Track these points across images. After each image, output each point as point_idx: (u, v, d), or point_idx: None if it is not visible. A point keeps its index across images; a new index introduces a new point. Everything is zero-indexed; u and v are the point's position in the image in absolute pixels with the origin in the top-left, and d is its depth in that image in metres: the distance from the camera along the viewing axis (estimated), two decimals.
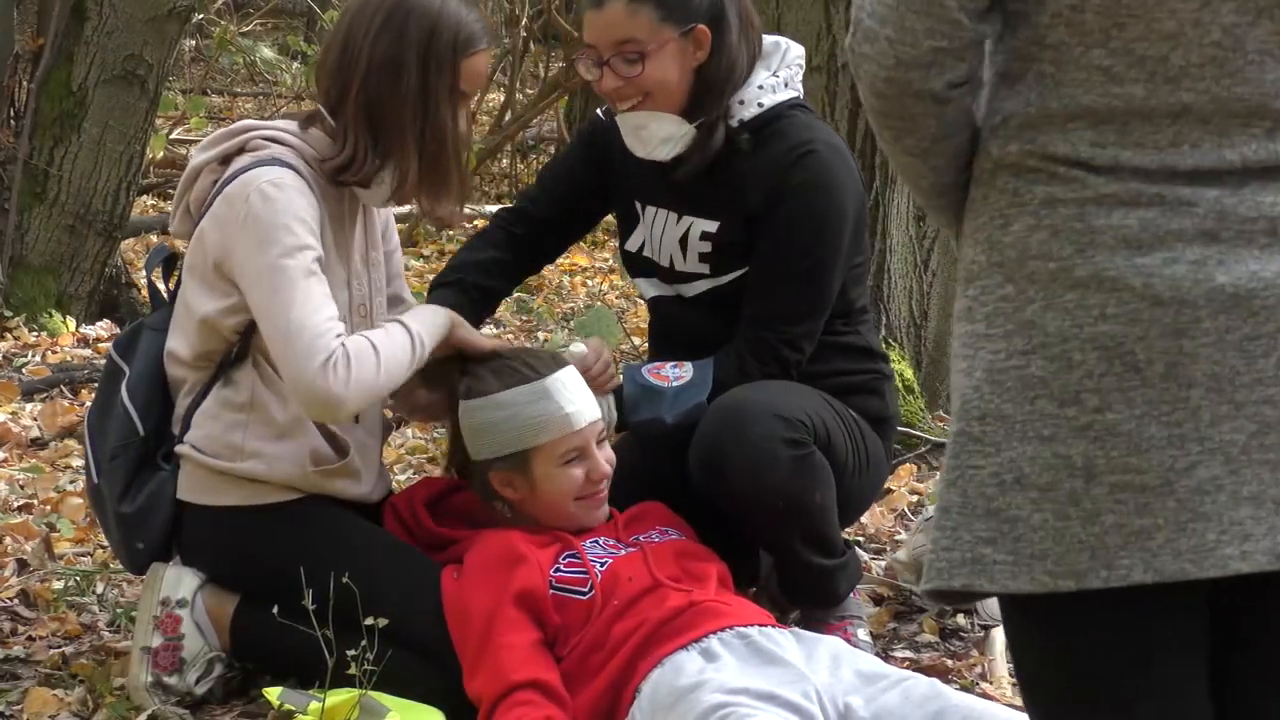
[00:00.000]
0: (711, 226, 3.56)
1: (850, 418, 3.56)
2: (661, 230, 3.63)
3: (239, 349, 3.31)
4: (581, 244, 9.09)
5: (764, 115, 3.52)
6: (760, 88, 3.53)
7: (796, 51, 3.62)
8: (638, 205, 3.67)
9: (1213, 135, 1.90)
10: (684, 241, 3.59)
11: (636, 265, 3.72)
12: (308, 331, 3.16)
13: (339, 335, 3.18)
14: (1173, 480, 1.88)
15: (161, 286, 3.52)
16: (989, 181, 2.00)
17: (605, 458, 3.36)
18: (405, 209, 6.75)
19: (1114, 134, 1.92)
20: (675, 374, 3.52)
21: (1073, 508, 1.90)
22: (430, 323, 3.34)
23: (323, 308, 3.18)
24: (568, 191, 3.78)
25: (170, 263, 3.54)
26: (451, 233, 8.80)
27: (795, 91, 3.58)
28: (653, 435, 3.52)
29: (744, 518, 3.44)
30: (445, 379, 3.44)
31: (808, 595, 3.59)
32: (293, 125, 3.37)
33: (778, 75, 3.55)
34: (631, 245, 3.70)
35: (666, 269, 3.64)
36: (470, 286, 3.69)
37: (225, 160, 3.34)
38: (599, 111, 3.78)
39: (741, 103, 3.52)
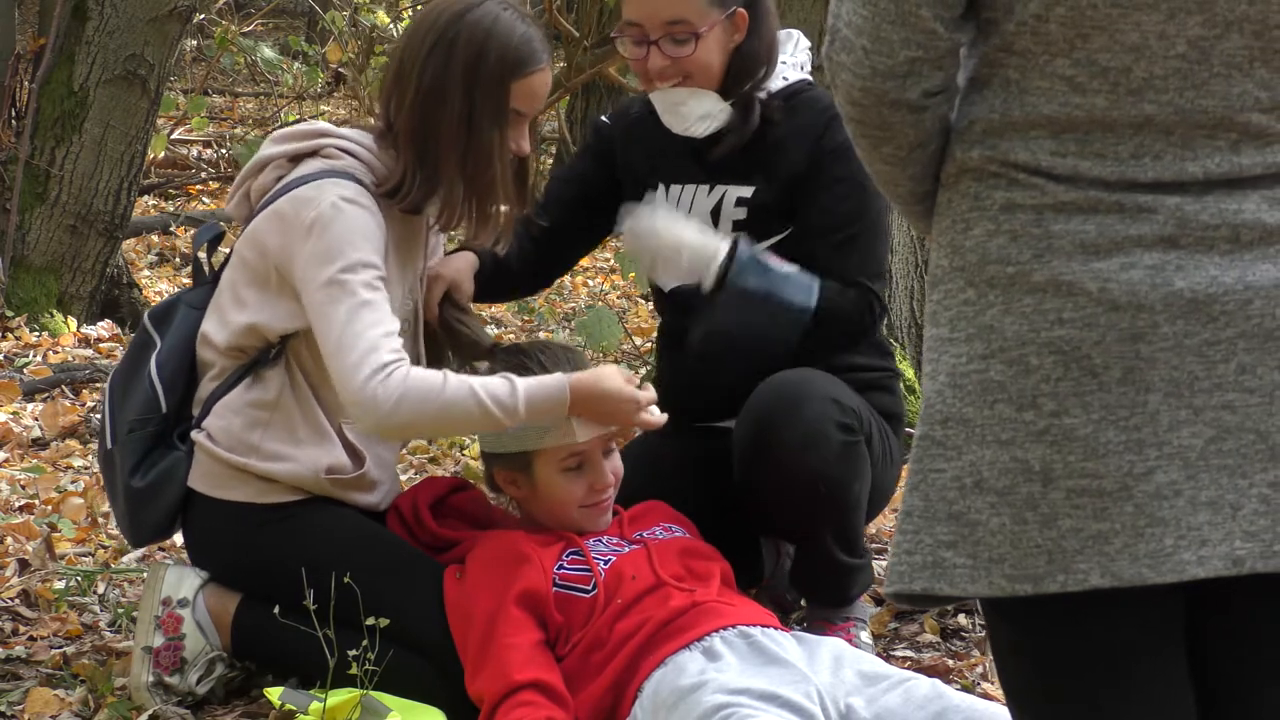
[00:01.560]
0: (746, 191, 3.57)
1: (877, 414, 3.57)
2: (689, 206, 3.62)
3: (276, 350, 3.31)
4: None
5: (788, 88, 3.59)
6: (784, 62, 3.61)
7: (805, 41, 3.70)
8: (661, 189, 3.66)
9: (1175, 147, 1.90)
10: (717, 211, 3.59)
11: None
12: (363, 342, 3.12)
13: (396, 351, 3.13)
14: (1130, 485, 1.88)
15: (205, 265, 3.50)
16: (953, 186, 2.01)
17: (611, 468, 3.36)
18: None
19: (1074, 144, 1.93)
20: (786, 263, 3.49)
21: (1030, 512, 1.90)
22: (539, 386, 3.18)
23: (382, 323, 3.15)
24: (578, 193, 3.77)
25: (216, 241, 3.53)
26: None
27: (807, 75, 3.65)
28: (743, 302, 3.44)
29: (782, 499, 3.44)
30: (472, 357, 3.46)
31: (820, 590, 3.59)
32: (368, 139, 3.34)
33: (795, 57, 3.64)
34: None
35: None
36: (493, 257, 3.65)
37: (294, 159, 3.33)
38: (603, 117, 3.79)
39: (767, 76, 3.58)
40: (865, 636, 3.57)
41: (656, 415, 3.29)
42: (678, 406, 3.69)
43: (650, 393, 3.31)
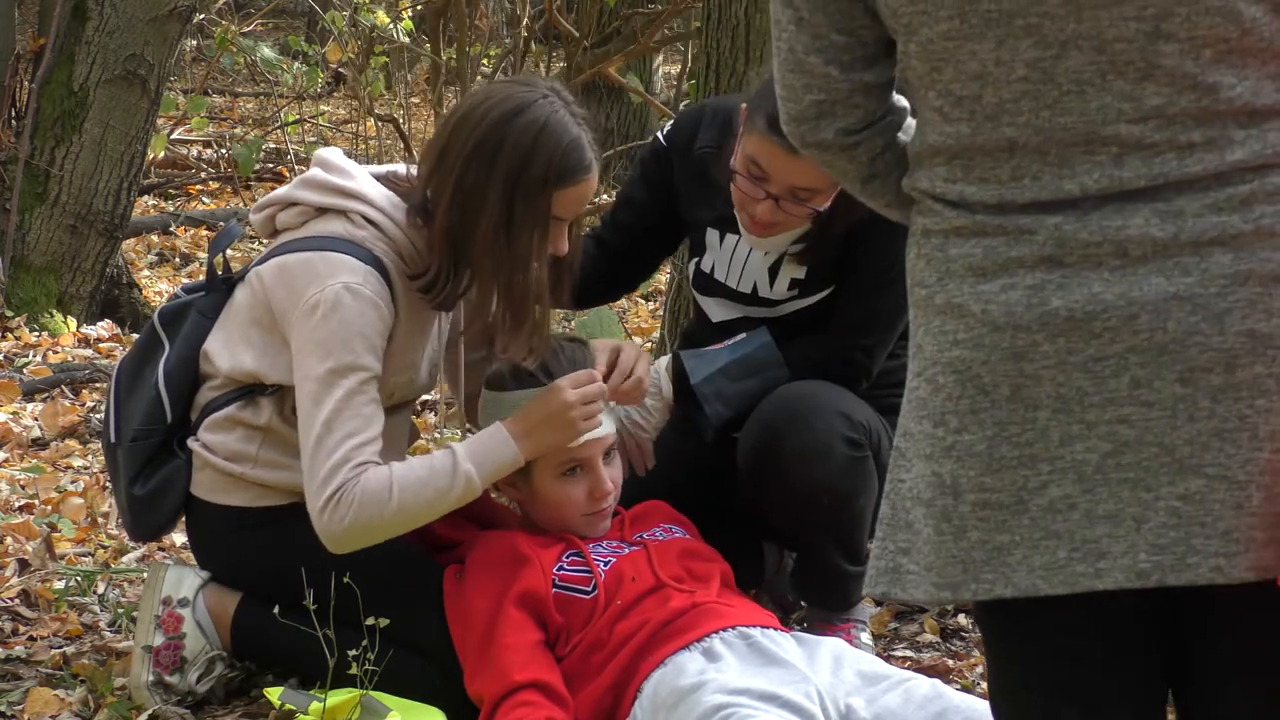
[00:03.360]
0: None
1: (892, 431, 3.54)
2: (744, 258, 3.57)
3: (273, 388, 3.30)
4: None
5: None
6: None
7: None
8: (710, 233, 3.61)
9: (1053, 166, 1.92)
10: (775, 268, 3.55)
11: (706, 285, 3.66)
12: (332, 458, 3.13)
13: (361, 465, 3.13)
14: (1025, 499, 1.92)
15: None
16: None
17: (611, 475, 3.35)
18: None
19: (960, 170, 1.97)
20: (728, 341, 3.51)
21: (945, 523, 1.96)
22: (488, 456, 3.21)
23: (357, 432, 3.14)
24: (636, 220, 3.72)
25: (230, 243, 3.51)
26: None
27: None
28: (718, 393, 3.48)
29: (785, 509, 3.44)
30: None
31: (821, 595, 3.59)
32: (400, 211, 3.26)
33: None
34: (705, 265, 3.65)
35: (746, 294, 3.59)
36: None
37: (322, 210, 3.29)
38: (660, 137, 3.71)
39: None
40: (865, 637, 3.57)
41: (589, 388, 3.25)
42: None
43: (594, 387, 3.26)
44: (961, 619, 3.80)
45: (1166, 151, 1.89)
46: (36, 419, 5.38)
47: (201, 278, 3.49)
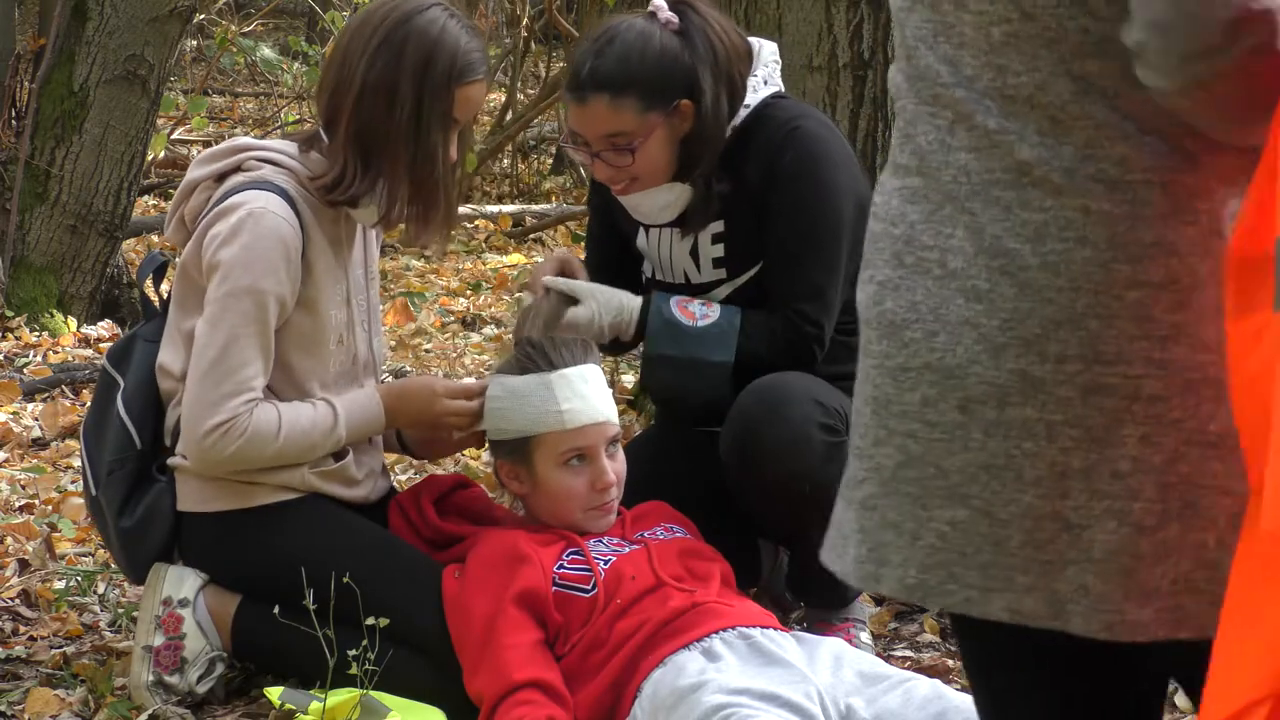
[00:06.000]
0: (720, 226, 3.55)
1: None
2: (669, 249, 3.60)
3: None
4: (577, 243, 9.08)
5: (750, 114, 3.52)
6: (752, 76, 3.53)
7: (770, 48, 3.61)
8: (639, 237, 3.65)
9: (907, 124, 1.88)
10: (695, 252, 3.58)
11: (657, 289, 3.68)
12: (225, 383, 3.18)
13: (252, 399, 3.20)
14: (849, 494, 1.93)
15: (154, 295, 3.51)
16: None
17: (614, 468, 3.35)
18: None
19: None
20: (702, 312, 3.51)
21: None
22: (360, 417, 3.32)
23: (251, 362, 3.19)
24: (597, 248, 3.78)
25: (161, 271, 3.54)
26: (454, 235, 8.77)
27: (776, 85, 3.57)
28: (672, 366, 3.50)
29: (769, 502, 3.44)
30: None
31: (817, 593, 3.59)
32: (291, 147, 3.34)
33: (756, 74, 3.55)
34: (648, 270, 3.69)
35: (681, 286, 3.62)
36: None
37: (221, 178, 3.32)
38: None
39: None
40: (865, 637, 3.57)
41: (459, 404, 3.36)
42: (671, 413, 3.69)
43: (461, 384, 3.37)
44: None
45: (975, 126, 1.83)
46: (36, 419, 5.39)
47: None
